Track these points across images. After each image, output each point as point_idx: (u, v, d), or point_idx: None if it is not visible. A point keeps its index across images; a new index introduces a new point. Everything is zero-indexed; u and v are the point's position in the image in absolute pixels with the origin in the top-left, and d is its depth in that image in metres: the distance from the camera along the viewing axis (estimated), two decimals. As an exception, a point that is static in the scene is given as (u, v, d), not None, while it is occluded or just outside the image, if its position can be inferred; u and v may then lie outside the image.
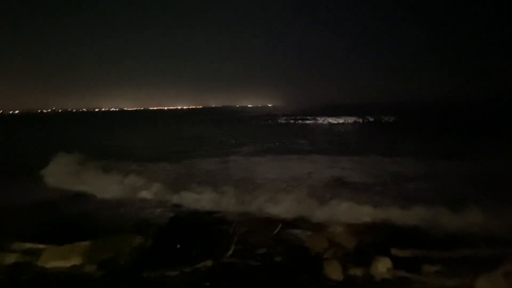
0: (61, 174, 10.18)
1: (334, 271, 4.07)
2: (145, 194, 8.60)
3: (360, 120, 36.95)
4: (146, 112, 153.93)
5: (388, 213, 6.43)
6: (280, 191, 8.79)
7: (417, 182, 9.24)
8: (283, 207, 7.14)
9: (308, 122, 39.65)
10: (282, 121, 42.06)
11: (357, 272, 4.11)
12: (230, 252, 4.44)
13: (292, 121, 40.94)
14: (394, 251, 4.31)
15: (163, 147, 19.28)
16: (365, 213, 6.46)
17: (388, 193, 8.21)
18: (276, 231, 5.08)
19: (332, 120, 38.45)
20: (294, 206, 7.27)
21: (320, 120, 39.76)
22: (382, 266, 4.03)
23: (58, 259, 4.57)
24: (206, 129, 33.36)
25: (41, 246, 4.94)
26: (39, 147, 20.95)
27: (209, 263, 4.16)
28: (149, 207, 7.69)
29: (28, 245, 5.00)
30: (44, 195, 8.53)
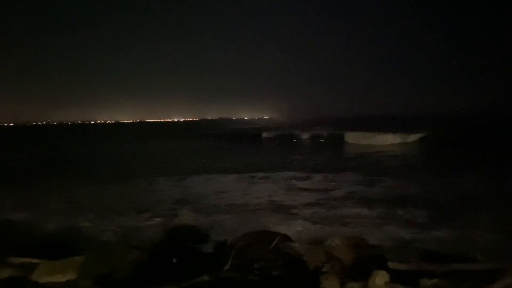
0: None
1: (332, 285, 4.03)
2: (138, 208, 8.61)
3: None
4: (143, 124, 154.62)
5: (386, 227, 6.44)
6: (279, 205, 8.81)
7: (415, 197, 9.30)
8: (281, 221, 7.13)
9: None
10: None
11: (354, 286, 4.07)
12: (227, 266, 4.40)
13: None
14: (391, 264, 4.28)
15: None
16: (362, 227, 6.47)
17: (386, 207, 8.23)
18: (273, 245, 5.04)
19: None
20: (293, 220, 7.27)
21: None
22: (380, 280, 3.99)
23: (53, 274, 4.49)
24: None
25: (35, 260, 4.86)
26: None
27: (206, 277, 4.11)
28: (144, 221, 7.66)
29: (22, 260, 4.92)
30: (39, 209, 8.48)
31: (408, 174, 13.56)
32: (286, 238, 5.60)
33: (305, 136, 33.37)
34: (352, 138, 28.92)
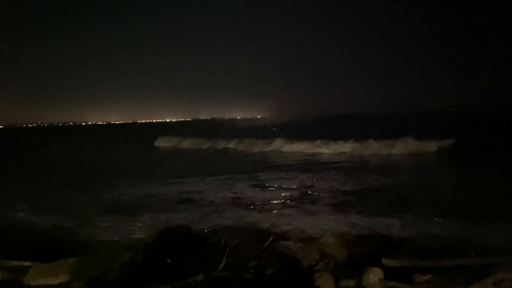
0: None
1: (326, 283, 4.05)
2: (129, 210, 8.58)
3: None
4: (133, 125, 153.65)
5: (379, 223, 6.47)
6: (269, 204, 8.81)
7: (408, 192, 9.35)
8: (273, 219, 7.13)
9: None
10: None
11: (349, 283, 4.10)
12: (221, 266, 4.40)
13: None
14: (385, 261, 4.31)
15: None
16: (355, 224, 6.49)
17: (378, 203, 8.27)
18: (267, 243, 5.05)
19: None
20: (285, 218, 7.27)
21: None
22: (374, 277, 4.02)
23: (45, 277, 4.46)
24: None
25: (27, 263, 4.82)
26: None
27: (200, 277, 4.11)
28: (136, 222, 7.62)
29: (14, 263, 4.88)
30: (29, 211, 8.40)
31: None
32: (279, 236, 5.61)
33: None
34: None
